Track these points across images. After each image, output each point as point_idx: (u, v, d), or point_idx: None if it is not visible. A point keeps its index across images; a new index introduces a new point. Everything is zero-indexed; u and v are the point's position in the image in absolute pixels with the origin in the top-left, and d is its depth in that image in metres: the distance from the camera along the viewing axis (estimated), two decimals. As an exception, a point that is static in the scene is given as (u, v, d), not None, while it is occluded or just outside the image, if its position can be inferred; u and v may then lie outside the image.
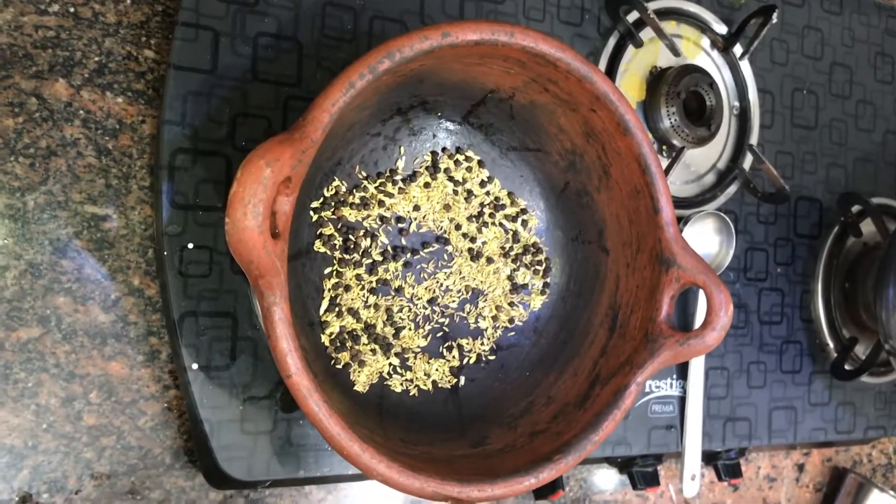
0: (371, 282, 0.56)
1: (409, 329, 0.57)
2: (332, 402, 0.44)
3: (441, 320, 0.58)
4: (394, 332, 0.56)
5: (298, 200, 0.43)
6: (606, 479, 0.77)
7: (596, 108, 0.52)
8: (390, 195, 0.56)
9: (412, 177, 0.57)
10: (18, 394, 0.54)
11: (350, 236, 0.54)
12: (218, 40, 0.55)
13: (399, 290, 0.57)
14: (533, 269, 0.60)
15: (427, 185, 0.57)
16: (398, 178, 0.57)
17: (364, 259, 0.55)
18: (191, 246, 0.54)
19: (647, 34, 0.70)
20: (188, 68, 0.54)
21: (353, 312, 0.55)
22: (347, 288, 0.55)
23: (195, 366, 0.54)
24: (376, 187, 0.55)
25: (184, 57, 0.54)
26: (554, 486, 0.66)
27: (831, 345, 0.80)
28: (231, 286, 0.55)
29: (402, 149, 0.57)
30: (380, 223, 0.56)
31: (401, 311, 0.57)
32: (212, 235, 0.54)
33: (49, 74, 0.55)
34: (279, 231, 0.41)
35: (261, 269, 0.40)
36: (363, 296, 0.55)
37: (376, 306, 0.56)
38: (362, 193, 0.55)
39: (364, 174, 0.56)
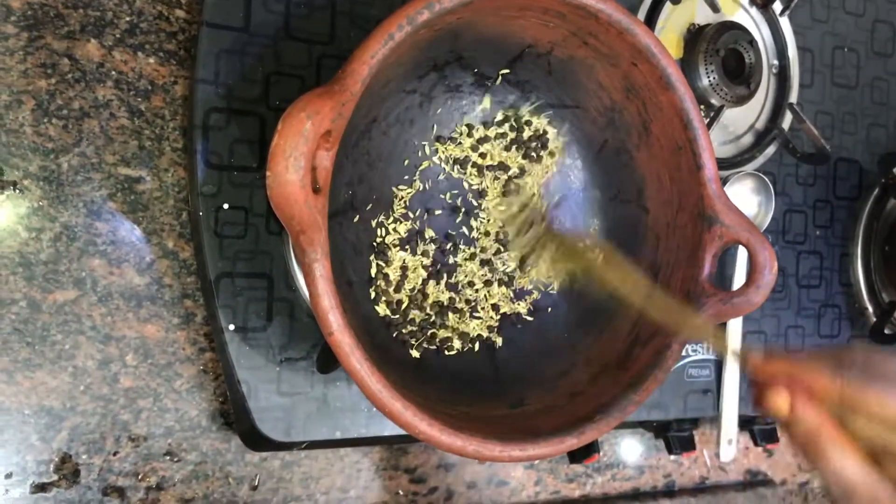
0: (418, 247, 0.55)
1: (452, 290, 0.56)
2: (372, 360, 0.43)
3: (481, 275, 0.58)
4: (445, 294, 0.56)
5: (336, 157, 0.42)
6: (641, 443, 0.76)
7: (637, 62, 0.51)
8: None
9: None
10: (56, 356, 0.54)
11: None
12: (250, -3, 0.54)
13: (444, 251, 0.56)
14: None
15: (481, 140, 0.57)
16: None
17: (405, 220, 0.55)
18: (226, 206, 0.53)
19: (684, -10, 0.68)
20: (221, 26, 0.53)
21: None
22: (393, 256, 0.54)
23: (232, 327, 0.53)
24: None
25: (216, 14, 0.53)
26: (590, 450, 0.65)
27: (870, 309, 0.79)
28: (267, 247, 0.54)
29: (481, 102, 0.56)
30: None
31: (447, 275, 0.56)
32: (247, 196, 0.54)
33: (80, 35, 0.55)
34: (320, 186, 0.41)
35: (302, 225, 0.39)
36: (413, 262, 0.55)
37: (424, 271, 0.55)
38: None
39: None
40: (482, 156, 0.57)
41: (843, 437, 0.39)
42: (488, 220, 0.58)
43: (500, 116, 0.58)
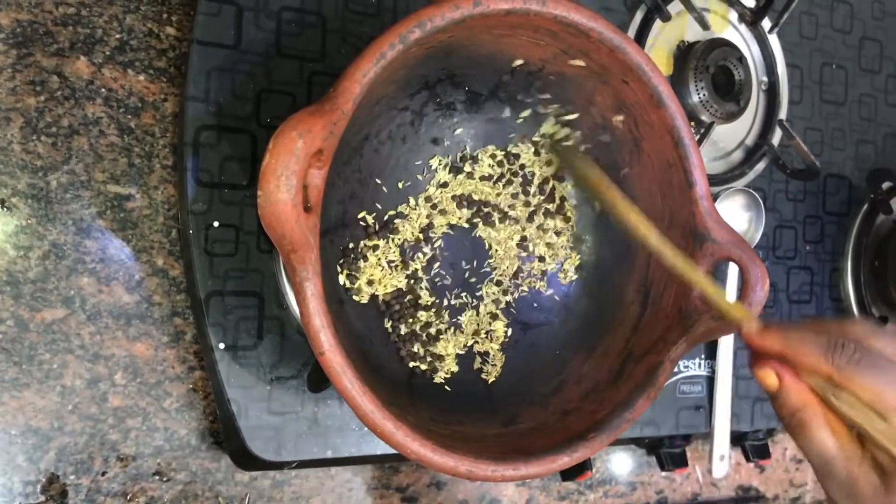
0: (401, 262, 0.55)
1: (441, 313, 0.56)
2: (364, 380, 0.43)
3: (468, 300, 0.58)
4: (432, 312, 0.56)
5: (327, 174, 0.42)
6: (633, 460, 0.76)
7: (628, 80, 0.51)
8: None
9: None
10: (44, 375, 0.54)
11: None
12: (241, 15, 0.54)
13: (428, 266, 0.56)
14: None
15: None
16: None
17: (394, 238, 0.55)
18: (216, 224, 0.53)
19: (674, 7, 0.69)
20: (211, 43, 0.53)
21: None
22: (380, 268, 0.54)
23: (222, 345, 0.53)
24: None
25: (207, 32, 0.53)
26: (582, 468, 0.65)
27: (861, 324, 0.79)
28: (257, 265, 0.54)
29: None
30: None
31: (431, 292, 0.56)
32: (237, 214, 0.54)
33: (70, 52, 0.55)
34: (311, 205, 0.40)
35: (293, 244, 0.39)
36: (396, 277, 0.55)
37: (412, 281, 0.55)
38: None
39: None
40: (470, 175, 0.57)
41: (827, 415, 0.39)
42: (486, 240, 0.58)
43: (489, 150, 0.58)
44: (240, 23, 0.54)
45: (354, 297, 0.53)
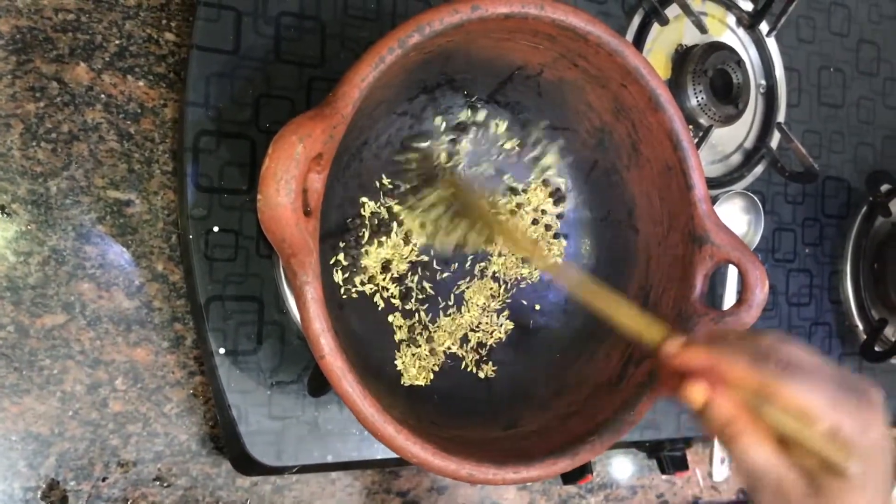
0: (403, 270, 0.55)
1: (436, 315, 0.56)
2: (364, 384, 0.43)
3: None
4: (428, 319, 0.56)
5: (327, 179, 0.42)
6: (634, 463, 0.76)
7: (626, 84, 0.51)
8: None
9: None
10: (44, 381, 0.54)
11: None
12: (240, 20, 0.54)
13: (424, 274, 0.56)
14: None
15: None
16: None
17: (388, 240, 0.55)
18: (216, 229, 0.53)
19: (672, 11, 0.69)
20: (211, 49, 0.53)
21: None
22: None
23: (222, 350, 0.53)
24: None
25: (206, 37, 0.53)
26: (583, 471, 0.65)
27: (861, 326, 0.79)
28: (257, 270, 0.54)
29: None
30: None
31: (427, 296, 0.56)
32: (237, 219, 0.54)
33: (70, 58, 0.55)
34: (311, 209, 0.40)
35: (293, 248, 0.39)
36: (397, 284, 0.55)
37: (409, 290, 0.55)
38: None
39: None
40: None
41: (756, 426, 0.39)
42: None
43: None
44: (239, 28, 0.54)
45: (354, 285, 0.53)
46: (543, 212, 0.59)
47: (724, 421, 0.40)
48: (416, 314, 0.55)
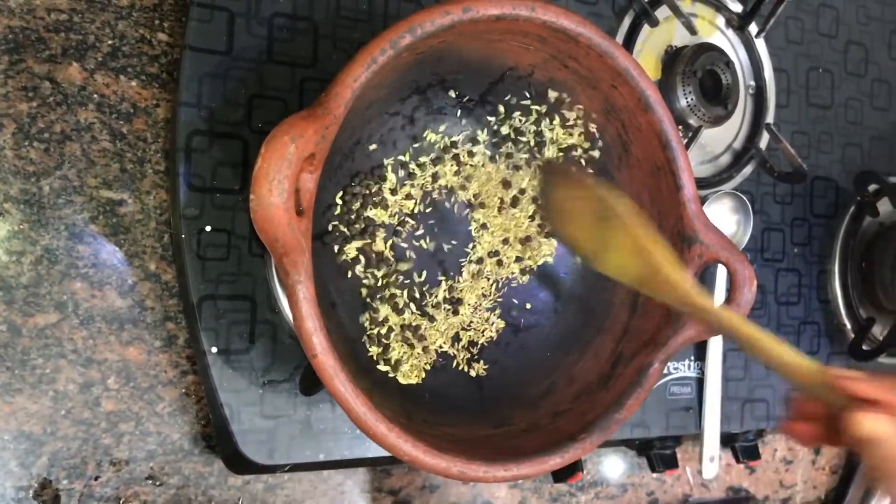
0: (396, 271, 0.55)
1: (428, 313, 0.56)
2: (356, 383, 0.43)
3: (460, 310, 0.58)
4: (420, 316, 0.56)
5: (319, 178, 0.42)
6: (624, 461, 0.76)
7: (617, 85, 0.52)
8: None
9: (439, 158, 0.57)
10: (36, 380, 0.54)
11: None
12: (233, 21, 0.54)
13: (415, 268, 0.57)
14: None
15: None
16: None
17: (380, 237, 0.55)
18: (208, 229, 0.53)
19: (662, 13, 0.69)
20: (203, 49, 0.54)
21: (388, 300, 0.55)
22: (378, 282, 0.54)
23: (214, 349, 0.53)
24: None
25: (199, 38, 0.53)
26: (573, 469, 0.66)
27: (849, 325, 0.80)
28: (249, 269, 0.54)
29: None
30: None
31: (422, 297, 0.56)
32: (230, 218, 0.54)
33: (62, 58, 0.55)
34: (303, 209, 0.41)
35: (286, 248, 0.40)
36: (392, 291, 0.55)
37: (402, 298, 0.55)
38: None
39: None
40: (462, 174, 0.58)
41: None
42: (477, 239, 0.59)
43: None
44: (232, 29, 0.54)
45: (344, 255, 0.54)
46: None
47: (890, 456, 0.38)
48: (407, 311, 0.56)
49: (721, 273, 0.71)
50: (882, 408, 0.38)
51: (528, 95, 0.56)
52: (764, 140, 0.75)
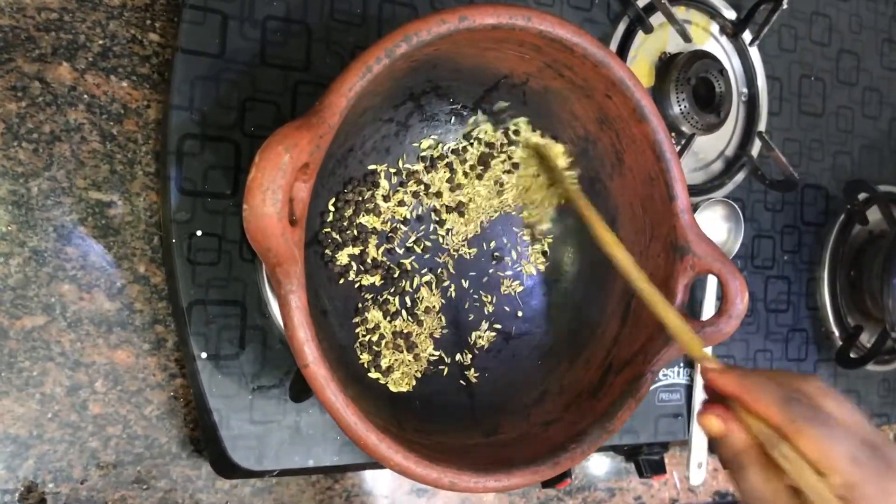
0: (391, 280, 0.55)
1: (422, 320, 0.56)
2: (347, 391, 0.43)
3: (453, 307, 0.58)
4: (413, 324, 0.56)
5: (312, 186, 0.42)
6: (612, 467, 0.77)
7: (611, 94, 0.51)
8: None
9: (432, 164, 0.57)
10: (23, 383, 0.53)
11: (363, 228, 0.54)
12: (226, 23, 0.54)
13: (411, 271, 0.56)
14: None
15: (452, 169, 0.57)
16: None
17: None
18: (199, 233, 0.53)
19: (656, 20, 0.69)
20: (196, 52, 0.53)
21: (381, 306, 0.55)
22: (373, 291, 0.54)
23: (204, 355, 0.53)
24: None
25: (191, 40, 0.53)
26: (562, 475, 0.66)
27: (837, 333, 0.80)
28: (240, 274, 0.54)
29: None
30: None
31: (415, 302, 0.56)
32: (221, 223, 0.54)
33: (52, 58, 0.54)
34: (297, 218, 0.40)
35: (279, 257, 0.39)
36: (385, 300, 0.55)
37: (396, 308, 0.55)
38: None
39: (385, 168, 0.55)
40: (450, 181, 0.58)
41: (765, 464, 0.40)
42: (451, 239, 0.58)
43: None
44: (224, 31, 0.54)
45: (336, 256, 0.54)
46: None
47: (736, 449, 0.41)
48: (399, 317, 0.56)
49: (712, 282, 0.71)
50: (741, 403, 0.41)
51: (524, 104, 0.56)
52: (756, 148, 0.75)
